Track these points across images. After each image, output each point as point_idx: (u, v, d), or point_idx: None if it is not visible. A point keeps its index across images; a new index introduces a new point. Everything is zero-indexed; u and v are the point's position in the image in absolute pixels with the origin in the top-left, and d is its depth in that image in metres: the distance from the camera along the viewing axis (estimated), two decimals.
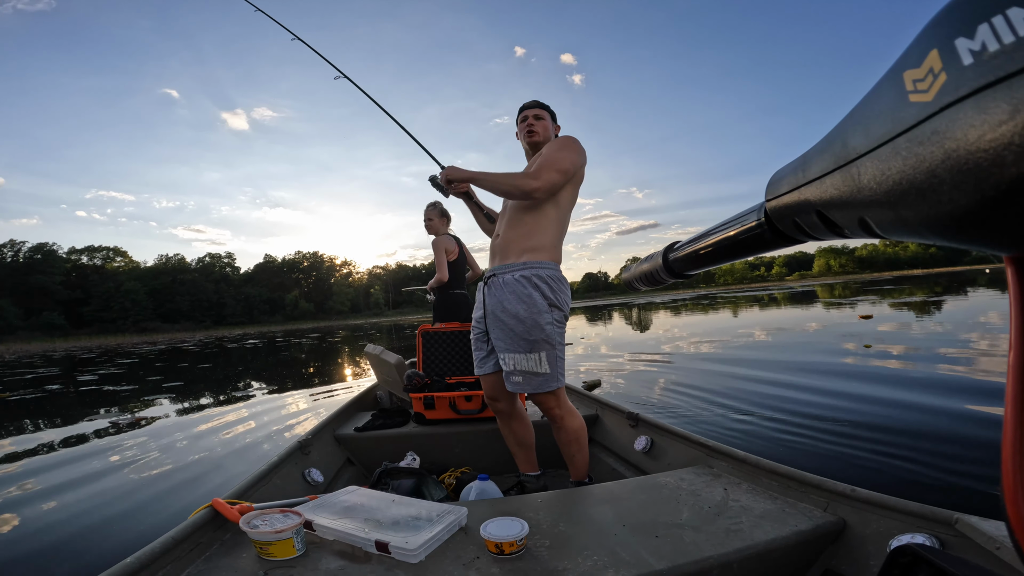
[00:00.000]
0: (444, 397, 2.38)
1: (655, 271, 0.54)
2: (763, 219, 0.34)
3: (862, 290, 23.81)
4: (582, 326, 16.08)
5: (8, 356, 26.39)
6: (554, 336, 1.67)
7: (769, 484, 1.30)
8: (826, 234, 0.28)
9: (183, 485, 2.77)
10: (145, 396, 6.82)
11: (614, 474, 2.00)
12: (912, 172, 0.19)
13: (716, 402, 3.89)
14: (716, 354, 6.60)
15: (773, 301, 21.57)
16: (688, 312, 19.04)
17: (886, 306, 12.36)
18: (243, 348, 18.85)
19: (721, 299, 30.40)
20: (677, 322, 14.12)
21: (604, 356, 7.46)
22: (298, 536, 1.00)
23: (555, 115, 1.95)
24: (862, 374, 4.33)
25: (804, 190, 0.28)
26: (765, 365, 5.29)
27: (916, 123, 0.18)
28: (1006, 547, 0.81)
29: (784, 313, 13.69)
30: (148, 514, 2.34)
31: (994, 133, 0.15)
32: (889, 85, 0.20)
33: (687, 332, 10.40)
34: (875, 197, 0.21)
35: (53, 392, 8.10)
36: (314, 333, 30.37)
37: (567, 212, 1.79)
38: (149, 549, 0.95)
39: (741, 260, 0.42)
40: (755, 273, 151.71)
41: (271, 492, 1.51)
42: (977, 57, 0.16)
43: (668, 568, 0.93)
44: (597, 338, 10.94)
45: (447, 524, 1.06)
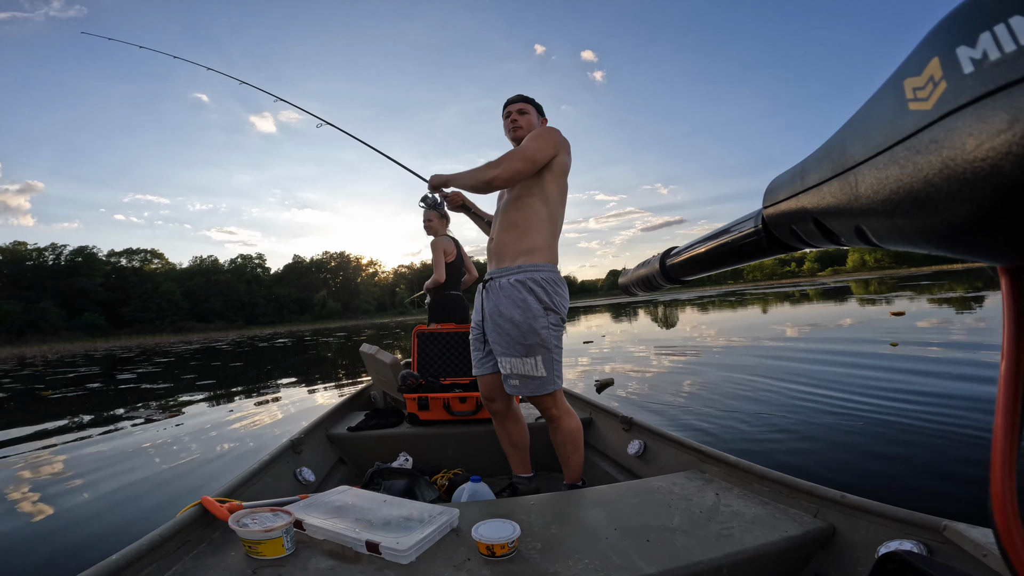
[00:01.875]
0: (438, 398, 2.38)
1: (652, 276, 0.54)
2: (760, 226, 0.34)
3: (898, 286, 23.04)
4: (606, 323, 15.98)
5: (51, 356, 27.54)
6: (550, 340, 1.66)
7: (760, 489, 1.29)
8: (823, 242, 0.28)
9: (207, 481, 2.85)
10: (180, 395, 7.04)
11: (607, 478, 1.99)
12: (909, 181, 0.18)
13: (714, 404, 3.86)
14: (727, 354, 6.50)
15: (804, 297, 21.09)
16: (715, 309, 18.77)
17: (924, 302, 11.95)
18: (273, 347, 19.29)
19: (750, 295, 29.81)
20: (700, 319, 13.91)
21: (615, 355, 7.40)
22: (288, 535, 1.00)
23: (541, 108, 1.93)
24: (868, 377, 4.24)
25: (802, 197, 0.27)
26: (775, 367, 5.19)
27: (915, 131, 0.18)
28: (993, 554, 0.80)
29: (812, 310, 13.36)
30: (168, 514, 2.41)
31: (992, 142, 0.15)
32: (889, 93, 0.20)
33: (707, 331, 10.24)
34: (872, 206, 0.21)
35: (94, 390, 8.42)
36: (341, 332, 30.87)
37: (558, 207, 1.76)
38: (135, 546, 0.95)
39: (739, 267, 0.42)
40: (785, 269, 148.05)
41: (261, 491, 1.51)
42: (978, 66, 0.16)
43: (659, 572, 0.93)
44: (622, 336, 10.86)
45: (438, 525, 1.06)
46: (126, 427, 4.70)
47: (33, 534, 2.23)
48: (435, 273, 3.31)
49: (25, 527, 2.32)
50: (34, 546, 2.10)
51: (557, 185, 1.74)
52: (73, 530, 2.26)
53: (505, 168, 1.65)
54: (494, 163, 1.67)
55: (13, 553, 2.05)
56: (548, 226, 1.73)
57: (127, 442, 4.02)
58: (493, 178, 1.66)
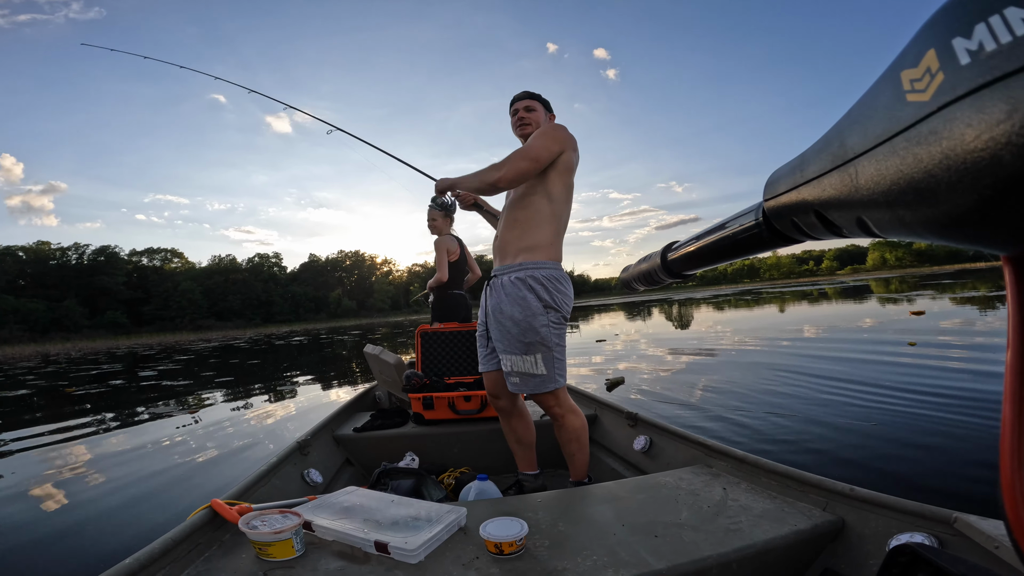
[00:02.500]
0: (443, 397, 2.38)
1: (653, 271, 0.54)
2: (761, 219, 0.34)
3: (920, 284, 22.57)
4: (620, 322, 15.90)
5: (75, 353, 28.14)
6: (550, 338, 1.66)
7: (768, 483, 1.29)
8: (824, 234, 0.28)
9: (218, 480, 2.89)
10: (198, 391, 7.18)
11: (613, 474, 1.99)
12: (910, 172, 0.19)
13: (725, 402, 3.85)
14: (740, 353, 6.44)
15: (822, 296, 20.76)
16: (730, 308, 18.55)
17: (946, 301, 11.70)
18: (289, 345, 19.53)
19: (766, 294, 29.43)
20: (715, 318, 13.77)
21: (628, 354, 7.36)
22: (297, 537, 1.00)
23: (548, 104, 1.92)
24: (885, 376, 4.19)
25: (802, 190, 0.28)
26: (789, 365, 5.15)
27: (913, 123, 0.18)
28: (1005, 546, 0.80)
29: (830, 309, 13.17)
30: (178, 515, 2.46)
31: (991, 132, 0.15)
32: (886, 85, 0.20)
33: (722, 330, 10.13)
34: (873, 197, 0.21)
35: (116, 387, 8.60)
36: (356, 330, 31.12)
37: (562, 205, 1.75)
38: (148, 550, 0.96)
39: (740, 260, 0.42)
40: (803, 267, 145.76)
41: (270, 493, 1.52)
42: (974, 57, 0.16)
43: (667, 568, 0.93)
44: (636, 334, 10.80)
45: (446, 524, 1.06)
46: (147, 423, 4.80)
47: (51, 530, 2.28)
48: (438, 272, 3.32)
49: (42, 523, 2.37)
50: (51, 543, 2.14)
51: (562, 183, 1.73)
52: (92, 524, 2.30)
53: (509, 169, 1.65)
54: (498, 165, 1.67)
55: (31, 548, 2.10)
56: (551, 223, 1.72)
57: (146, 439, 4.10)
58: (497, 179, 1.66)
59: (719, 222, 0.41)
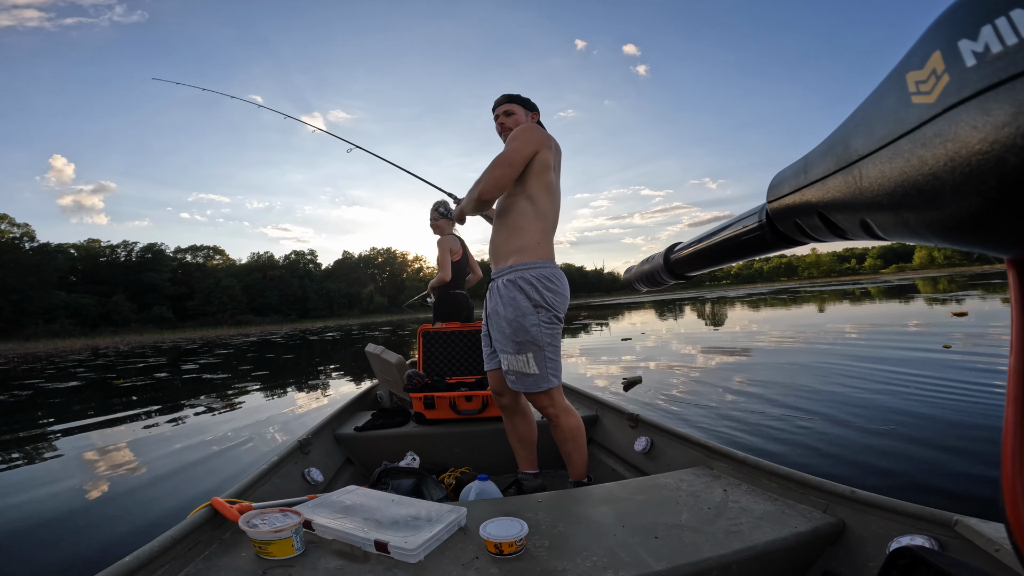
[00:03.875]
0: (444, 397, 2.38)
1: (656, 272, 0.54)
2: (764, 220, 0.34)
3: (968, 284, 21.53)
4: (650, 320, 15.69)
5: (123, 347, 29.39)
6: (541, 337, 1.66)
7: (769, 485, 1.28)
8: (828, 236, 0.28)
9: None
10: (236, 384, 7.43)
11: (614, 475, 1.98)
12: (914, 174, 0.19)
13: (732, 400, 3.81)
14: (766, 354, 6.29)
15: (864, 295, 20.04)
16: (765, 306, 18.09)
17: (996, 301, 11.12)
18: (323, 340, 19.99)
19: (804, 293, 28.56)
20: (748, 317, 13.44)
21: (654, 353, 7.26)
22: (297, 536, 1.00)
23: (529, 103, 1.91)
24: (903, 375, 4.08)
25: (806, 192, 0.27)
26: (816, 367, 5.00)
27: (918, 125, 0.18)
28: (1005, 549, 0.79)
29: (870, 309, 12.70)
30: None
31: (996, 135, 0.15)
32: (892, 87, 0.20)
33: (754, 329, 9.88)
34: (877, 199, 0.21)
35: (160, 380, 8.96)
36: (387, 326, 31.62)
37: (546, 203, 1.74)
38: (148, 548, 0.96)
39: (742, 261, 0.42)
40: (844, 266, 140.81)
41: (270, 491, 1.52)
42: (980, 59, 0.16)
43: (667, 569, 0.92)
44: (666, 333, 10.65)
45: (446, 524, 1.06)
46: (188, 415, 5.00)
47: (54, 525, 2.30)
48: (441, 271, 3.33)
49: (45, 518, 2.40)
50: (52, 539, 2.16)
51: (540, 182, 1.72)
52: (93, 521, 2.33)
53: (488, 179, 1.68)
54: (478, 179, 1.71)
55: (34, 544, 2.13)
56: (537, 223, 1.73)
57: (184, 428, 4.28)
58: (480, 193, 1.69)
59: (722, 223, 0.41)
